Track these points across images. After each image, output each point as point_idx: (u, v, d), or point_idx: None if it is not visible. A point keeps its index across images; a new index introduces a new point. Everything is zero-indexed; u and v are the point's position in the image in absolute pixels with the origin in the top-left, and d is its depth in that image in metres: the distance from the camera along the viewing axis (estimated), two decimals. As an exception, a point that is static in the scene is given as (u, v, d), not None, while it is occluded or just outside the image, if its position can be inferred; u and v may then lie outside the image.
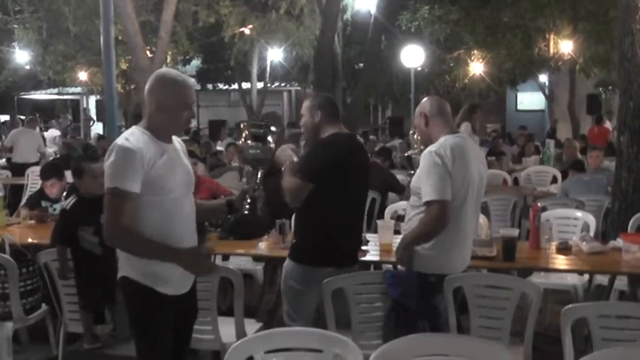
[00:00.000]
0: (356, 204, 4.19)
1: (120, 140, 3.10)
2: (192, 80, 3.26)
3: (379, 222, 5.08)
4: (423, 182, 3.78)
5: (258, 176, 3.36)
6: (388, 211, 6.47)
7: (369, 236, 5.00)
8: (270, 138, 3.46)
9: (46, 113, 29.14)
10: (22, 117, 17.66)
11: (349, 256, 4.16)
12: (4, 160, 12.85)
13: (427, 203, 3.74)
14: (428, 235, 3.79)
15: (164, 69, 3.24)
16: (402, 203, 6.82)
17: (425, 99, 4.12)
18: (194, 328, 4.06)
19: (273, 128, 4.19)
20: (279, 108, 29.83)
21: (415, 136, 4.93)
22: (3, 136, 17.69)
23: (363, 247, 4.65)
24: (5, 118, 25.71)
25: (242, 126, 3.54)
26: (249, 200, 3.34)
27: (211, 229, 5.18)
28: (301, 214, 4.11)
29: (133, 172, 3.02)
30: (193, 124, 25.89)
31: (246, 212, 3.37)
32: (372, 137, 13.09)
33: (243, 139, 3.35)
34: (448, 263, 3.86)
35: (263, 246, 4.98)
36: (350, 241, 4.17)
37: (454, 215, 3.77)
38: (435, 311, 3.85)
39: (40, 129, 10.81)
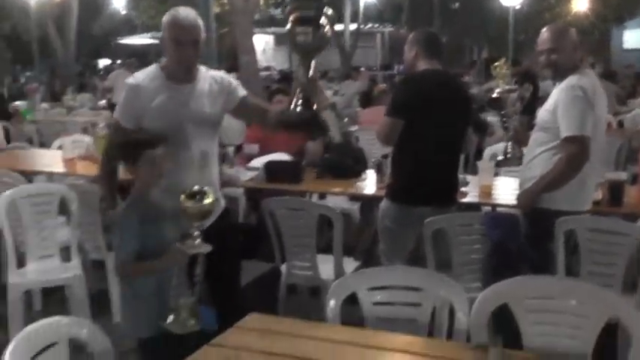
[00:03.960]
0: (449, 141, 4.08)
1: (131, 77, 3.30)
2: (192, 16, 3.17)
3: (479, 163, 4.96)
4: (562, 116, 3.59)
5: (311, 66, 2.84)
6: (487, 153, 6.32)
7: (468, 178, 4.90)
8: (324, 20, 2.87)
9: (140, 58, 29.81)
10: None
11: (444, 195, 4.10)
12: (104, 101, 13.36)
13: (567, 139, 3.56)
14: (566, 174, 3.60)
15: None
16: (501, 145, 6.65)
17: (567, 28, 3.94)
18: (294, 264, 4.15)
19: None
20: (373, 50, 29.46)
21: (503, 70, 4.61)
22: (98, 81, 18.30)
23: (463, 189, 4.58)
24: (105, 62, 26.44)
25: (289, 8, 3.13)
26: (299, 100, 2.85)
27: (308, 167, 5.21)
28: (395, 153, 4.08)
29: (128, 107, 3.21)
30: (285, 65, 25.95)
31: (298, 112, 2.85)
32: (466, 78, 12.72)
33: (291, 23, 2.88)
34: (577, 199, 3.72)
35: (361, 185, 4.98)
36: (444, 179, 4.10)
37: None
38: (548, 257, 3.71)
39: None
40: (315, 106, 2.72)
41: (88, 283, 4.71)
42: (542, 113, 3.78)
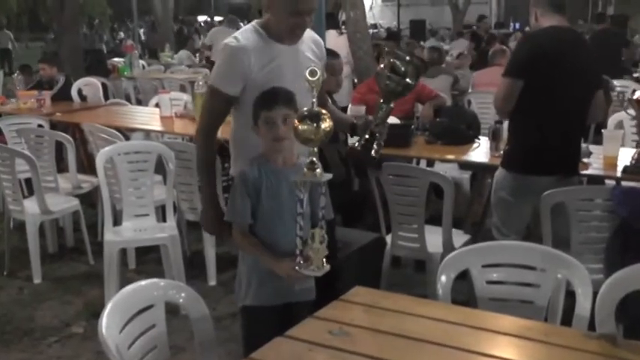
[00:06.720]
0: (573, 105, 3.87)
1: (229, 38, 3.05)
2: None
3: (604, 131, 4.73)
4: None
5: (388, 110, 3.01)
6: (612, 121, 6.04)
7: (591, 147, 4.70)
8: (409, 79, 3.04)
9: (240, 15, 30.10)
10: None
11: (567, 165, 3.94)
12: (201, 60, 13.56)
13: None
14: None
15: None
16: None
17: None
18: (399, 235, 4.09)
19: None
20: (487, 7, 28.71)
21: None
22: (201, 36, 18.58)
23: (584, 159, 4.39)
24: (204, 19, 26.80)
25: (387, 50, 3.29)
26: (367, 136, 3.02)
27: (418, 132, 5.10)
28: (514, 117, 3.93)
29: (232, 74, 2.98)
30: (393, 23, 25.66)
31: (358, 147, 3.07)
32: (587, 36, 12.09)
33: (382, 66, 3.04)
34: None
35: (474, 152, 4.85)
36: (567, 147, 3.93)
37: None
38: None
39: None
40: (375, 150, 2.96)
41: (183, 244, 4.80)
42: None
